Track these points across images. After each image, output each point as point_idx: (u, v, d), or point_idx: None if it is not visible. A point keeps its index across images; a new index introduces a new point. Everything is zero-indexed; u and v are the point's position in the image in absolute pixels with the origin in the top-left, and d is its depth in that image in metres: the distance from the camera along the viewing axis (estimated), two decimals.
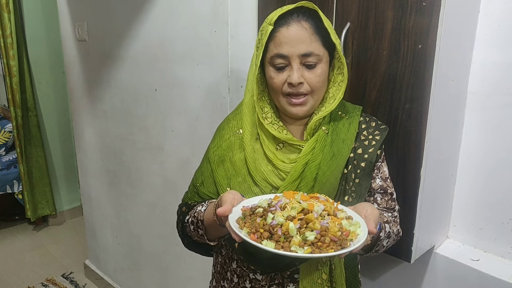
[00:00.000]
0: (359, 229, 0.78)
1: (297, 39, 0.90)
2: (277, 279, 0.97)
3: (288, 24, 0.90)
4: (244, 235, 0.75)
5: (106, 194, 2.39)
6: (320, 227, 0.75)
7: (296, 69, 0.91)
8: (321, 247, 0.73)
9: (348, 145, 0.97)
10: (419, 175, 1.09)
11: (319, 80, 0.93)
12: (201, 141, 1.66)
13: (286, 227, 0.75)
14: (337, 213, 0.80)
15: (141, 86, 1.90)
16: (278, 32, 0.91)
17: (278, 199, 0.82)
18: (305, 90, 0.92)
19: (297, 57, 0.90)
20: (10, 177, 3.34)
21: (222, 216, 0.80)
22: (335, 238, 0.74)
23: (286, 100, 0.94)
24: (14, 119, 3.18)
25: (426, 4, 1.00)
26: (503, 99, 1.17)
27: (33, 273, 2.86)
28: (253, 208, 0.82)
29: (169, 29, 1.67)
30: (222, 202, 0.83)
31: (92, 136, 2.37)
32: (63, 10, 2.32)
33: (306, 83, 0.92)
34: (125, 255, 2.39)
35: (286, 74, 0.92)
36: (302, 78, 0.91)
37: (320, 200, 0.82)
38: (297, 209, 0.78)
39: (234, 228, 0.77)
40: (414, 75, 1.05)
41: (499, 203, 1.22)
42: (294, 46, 0.90)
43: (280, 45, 0.91)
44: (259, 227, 0.76)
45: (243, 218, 0.81)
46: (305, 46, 0.90)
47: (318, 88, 0.94)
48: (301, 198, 0.81)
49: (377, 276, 1.42)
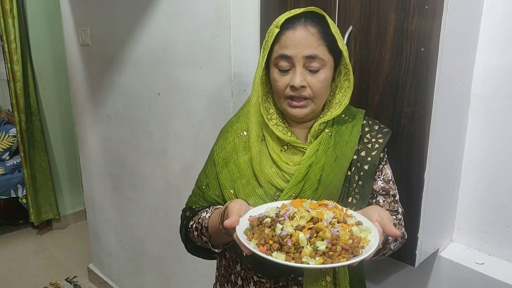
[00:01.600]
0: (370, 235, 0.76)
1: (302, 42, 0.90)
2: (281, 282, 0.97)
3: (295, 28, 0.90)
4: (253, 247, 0.73)
5: (109, 198, 2.40)
6: (331, 235, 0.73)
7: (299, 72, 0.90)
8: (333, 256, 0.71)
9: (351, 147, 0.97)
10: (422, 178, 1.08)
11: (322, 85, 0.92)
12: (204, 145, 1.66)
13: (296, 238, 0.73)
14: (346, 220, 0.79)
15: (144, 90, 1.91)
16: (284, 34, 0.91)
17: (286, 208, 0.80)
18: (307, 95, 0.92)
19: (301, 58, 0.90)
20: (14, 181, 3.36)
21: (229, 228, 0.79)
22: (347, 247, 0.72)
23: (287, 102, 0.94)
24: (18, 124, 3.20)
25: (428, 7, 1.00)
26: (506, 101, 1.16)
27: (37, 277, 2.86)
28: (261, 218, 0.80)
29: (171, 33, 1.68)
30: (229, 213, 0.81)
31: (96, 140, 2.38)
32: (66, 15, 2.33)
33: (309, 88, 0.92)
34: (128, 259, 2.39)
35: (289, 77, 0.92)
36: (304, 82, 0.91)
37: (329, 207, 0.80)
38: (306, 218, 0.76)
39: (242, 240, 0.75)
40: (416, 78, 1.05)
41: (503, 206, 1.21)
42: (299, 47, 0.90)
43: (285, 47, 0.91)
44: (268, 239, 0.74)
45: (251, 228, 0.79)
46: (311, 49, 0.90)
47: (320, 94, 0.93)
48: (309, 206, 0.79)
49: (381, 280, 1.41)
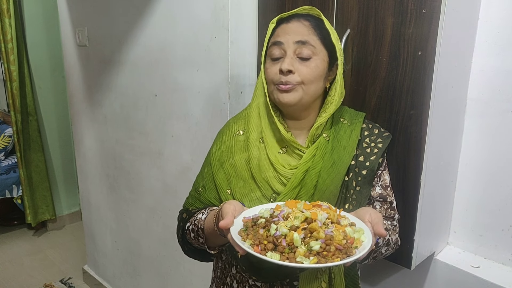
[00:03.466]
0: (363, 235, 0.77)
1: (294, 30, 0.93)
2: (276, 286, 0.97)
3: (288, 21, 0.94)
4: (247, 248, 0.74)
5: (105, 199, 2.39)
6: (325, 236, 0.74)
7: (289, 58, 0.92)
8: (327, 256, 0.72)
9: (349, 152, 0.97)
10: (419, 181, 1.08)
11: (311, 72, 0.92)
12: (201, 147, 1.66)
13: (290, 238, 0.74)
14: (340, 221, 0.79)
15: (141, 91, 1.91)
16: (278, 27, 0.95)
17: (280, 209, 0.81)
18: (294, 81, 0.91)
19: (292, 44, 0.92)
20: (9, 181, 3.34)
21: (224, 229, 0.79)
22: (340, 247, 0.73)
23: (276, 87, 0.94)
24: (14, 124, 3.18)
25: (425, 11, 1.00)
26: (502, 105, 1.17)
27: (32, 278, 2.85)
28: (255, 219, 0.81)
29: (169, 35, 1.68)
30: (223, 214, 0.82)
31: (92, 141, 2.37)
32: (63, 16, 2.33)
33: (297, 74, 0.91)
34: (124, 260, 2.38)
35: (279, 64, 0.93)
36: (292, 66, 0.91)
37: (323, 208, 0.81)
38: (300, 219, 0.77)
39: (237, 240, 0.75)
40: (414, 82, 1.05)
41: (499, 210, 1.22)
42: (290, 34, 0.92)
43: (277, 36, 0.94)
44: (262, 239, 0.75)
45: (245, 229, 0.79)
46: (302, 36, 0.92)
47: (309, 80, 0.92)
48: (303, 207, 0.80)
49: (377, 282, 1.41)
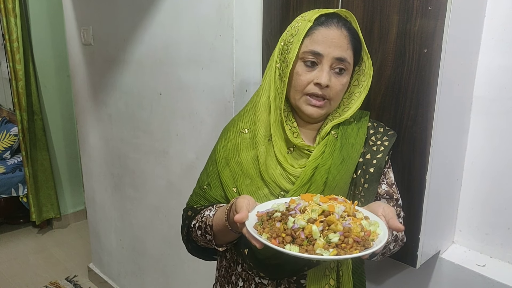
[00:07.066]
0: (378, 228, 0.77)
1: (335, 42, 0.90)
2: (283, 284, 0.96)
3: (329, 26, 0.90)
4: (265, 241, 0.73)
5: (110, 197, 2.40)
6: (343, 228, 0.73)
7: (327, 71, 0.91)
8: (345, 248, 0.71)
9: (357, 149, 0.97)
10: (424, 180, 1.08)
11: (342, 89, 0.94)
12: (205, 145, 1.66)
13: (309, 230, 0.73)
14: (355, 214, 0.80)
15: (146, 90, 1.91)
16: (317, 30, 0.91)
17: (296, 202, 0.81)
18: (328, 95, 0.92)
19: (331, 59, 0.90)
20: (15, 180, 3.36)
21: (239, 223, 0.78)
22: (358, 239, 0.73)
23: (306, 99, 0.93)
24: (19, 123, 3.20)
25: (431, 9, 1.00)
26: (508, 103, 1.16)
27: (37, 276, 2.86)
28: (270, 213, 0.80)
29: (174, 33, 1.68)
30: (237, 208, 0.80)
31: (97, 140, 2.38)
32: (68, 15, 2.33)
33: (330, 88, 0.92)
34: (129, 259, 2.39)
35: (314, 74, 0.91)
36: (330, 82, 0.91)
37: (339, 201, 0.81)
38: (318, 211, 0.76)
39: (253, 234, 0.75)
40: (419, 80, 1.05)
41: (505, 208, 1.21)
42: (331, 47, 0.90)
43: (317, 43, 0.90)
44: (280, 232, 0.74)
45: (260, 223, 0.79)
46: (341, 51, 0.90)
47: (339, 97, 0.95)
48: (320, 200, 0.80)
49: (382, 281, 1.41)
